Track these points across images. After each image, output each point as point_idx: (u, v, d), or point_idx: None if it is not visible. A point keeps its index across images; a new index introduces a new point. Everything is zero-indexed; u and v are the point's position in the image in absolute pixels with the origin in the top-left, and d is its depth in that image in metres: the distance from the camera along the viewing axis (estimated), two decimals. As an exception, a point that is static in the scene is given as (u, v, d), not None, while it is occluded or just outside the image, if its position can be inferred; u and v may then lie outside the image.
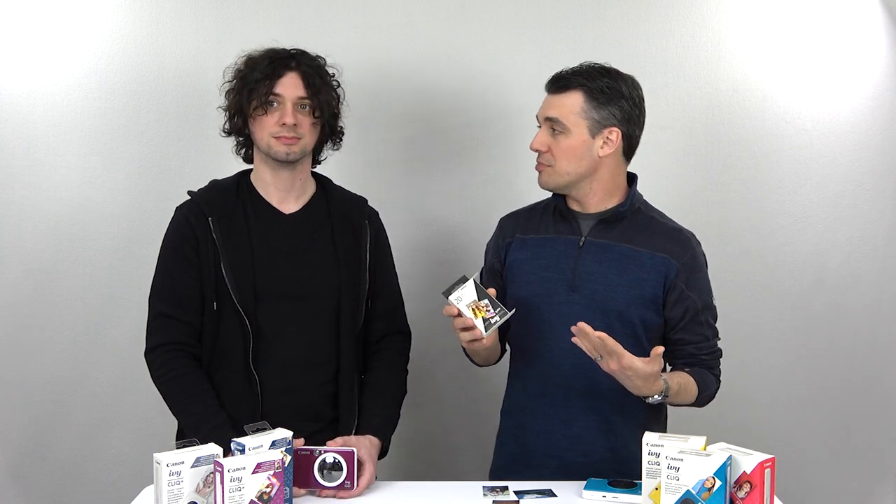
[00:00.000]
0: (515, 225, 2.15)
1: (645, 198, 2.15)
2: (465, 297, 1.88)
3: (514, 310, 1.89)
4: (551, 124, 2.00)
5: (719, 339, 2.10)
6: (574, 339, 1.86)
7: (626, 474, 1.97)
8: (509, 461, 2.14)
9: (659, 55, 2.72)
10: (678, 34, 2.72)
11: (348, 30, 2.66)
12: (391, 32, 2.68)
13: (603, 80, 2.00)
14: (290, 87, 2.04)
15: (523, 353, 2.10)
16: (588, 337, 1.82)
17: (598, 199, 2.06)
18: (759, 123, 2.75)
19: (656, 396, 1.91)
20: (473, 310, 1.88)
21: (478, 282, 1.90)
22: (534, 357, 2.07)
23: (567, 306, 2.01)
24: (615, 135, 2.01)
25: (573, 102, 1.99)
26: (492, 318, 1.88)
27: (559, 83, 2.02)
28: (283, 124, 2.03)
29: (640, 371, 1.83)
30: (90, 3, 2.62)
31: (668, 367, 2.08)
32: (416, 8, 2.69)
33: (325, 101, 2.07)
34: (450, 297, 1.88)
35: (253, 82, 2.03)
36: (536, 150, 2.03)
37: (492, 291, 1.90)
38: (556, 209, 2.11)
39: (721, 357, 2.10)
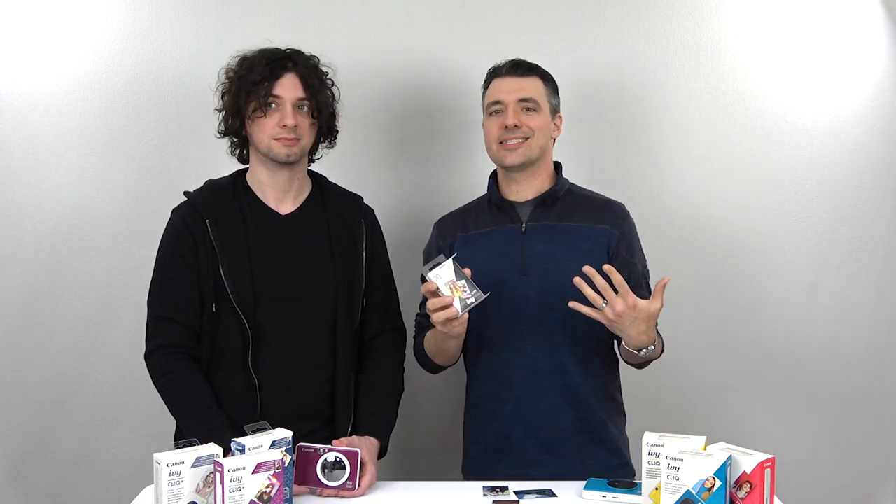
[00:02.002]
0: (454, 225, 2.23)
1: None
2: (443, 275, 1.91)
3: (489, 293, 1.91)
4: (526, 104, 2.12)
5: None
6: (576, 281, 1.90)
7: (600, 442, 2.09)
8: (487, 452, 2.16)
9: (659, 55, 2.72)
10: (678, 34, 2.72)
11: (348, 30, 2.66)
12: (391, 32, 2.68)
13: (547, 72, 2.19)
14: (288, 88, 2.04)
15: (486, 343, 2.14)
16: (595, 278, 1.88)
17: (539, 181, 2.17)
18: (759, 123, 2.75)
19: (651, 346, 1.98)
20: (451, 289, 1.91)
21: (456, 263, 1.92)
22: (497, 345, 2.12)
23: (522, 290, 2.09)
24: (560, 121, 2.21)
25: (538, 86, 2.15)
26: (468, 298, 1.91)
27: (521, 67, 2.15)
28: (284, 126, 2.03)
29: (645, 310, 1.91)
30: (90, 3, 2.62)
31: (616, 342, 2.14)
32: (416, 8, 2.69)
33: (323, 102, 2.09)
34: (429, 274, 1.91)
35: (251, 84, 2.02)
36: (514, 126, 2.10)
37: (467, 272, 1.92)
38: (490, 202, 2.21)
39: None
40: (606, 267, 1.90)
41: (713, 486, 1.67)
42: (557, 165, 2.24)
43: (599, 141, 2.67)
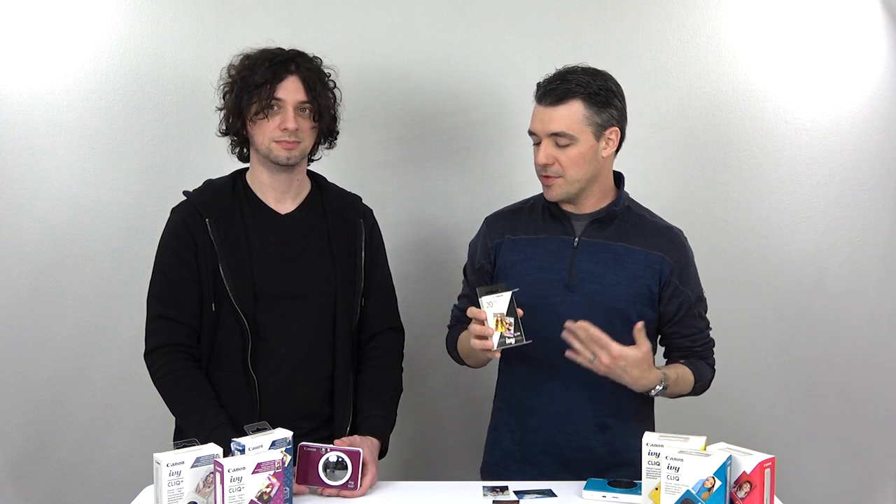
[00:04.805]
0: (504, 225, 2.15)
1: (645, 198, 2.16)
2: (496, 305, 1.88)
3: (530, 341, 1.90)
4: (556, 138, 1.98)
5: (711, 328, 2.15)
6: (568, 342, 1.89)
7: (623, 467, 2.01)
8: (504, 457, 2.15)
9: (659, 55, 2.72)
10: (678, 34, 2.72)
11: (348, 30, 2.66)
12: (391, 32, 2.68)
13: (596, 83, 1.99)
14: (291, 91, 2.03)
15: (520, 353, 2.10)
16: (575, 333, 1.86)
17: (595, 199, 2.08)
18: (759, 123, 2.75)
19: (658, 387, 1.95)
20: (498, 321, 1.88)
21: (514, 299, 1.89)
22: (533, 357, 2.07)
23: (565, 306, 2.03)
24: (615, 134, 2.03)
25: (575, 112, 1.97)
26: (508, 337, 1.88)
27: (555, 94, 1.98)
28: (285, 129, 2.03)
29: (632, 357, 1.88)
30: (90, 3, 2.62)
31: (665, 361, 2.14)
32: (416, 8, 2.68)
33: (324, 105, 2.08)
34: (482, 298, 1.88)
35: (253, 86, 2.01)
36: (544, 165, 2.01)
37: (520, 312, 1.89)
38: (545, 209, 2.13)
39: (714, 346, 2.15)
40: (581, 324, 1.87)
41: (713, 486, 1.67)
42: (619, 177, 2.12)
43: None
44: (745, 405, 2.81)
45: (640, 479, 1.81)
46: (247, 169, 2.16)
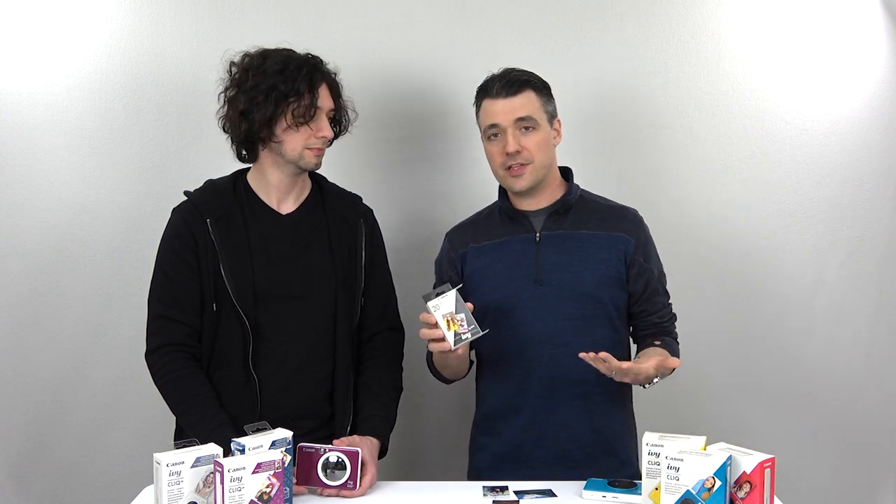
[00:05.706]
0: (465, 236, 2.21)
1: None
2: (443, 306, 1.90)
3: (486, 330, 1.91)
4: (523, 123, 2.07)
5: (671, 303, 2.20)
6: (583, 355, 1.92)
7: (612, 453, 2.08)
8: (494, 460, 2.15)
9: (659, 55, 2.72)
10: (678, 34, 2.72)
11: (348, 30, 2.66)
12: (391, 32, 2.68)
13: (538, 78, 2.12)
14: (325, 99, 2.06)
15: (500, 354, 2.13)
16: (608, 363, 1.90)
17: (550, 191, 2.14)
18: (759, 123, 2.75)
19: (655, 380, 2.00)
20: (448, 321, 1.89)
21: (459, 295, 1.91)
22: (513, 356, 2.11)
23: (537, 300, 2.08)
24: (558, 124, 2.15)
25: (533, 99, 2.09)
26: (463, 333, 1.89)
27: (513, 86, 2.08)
28: (322, 137, 2.04)
29: (644, 373, 1.94)
30: (90, 3, 2.62)
31: (637, 342, 2.19)
32: (416, 8, 2.68)
33: (345, 112, 2.13)
34: (428, 304, 1.90)
35: (294, 93, 2.00)
36: (515, 152, 2.06)
37: (469, 306, 1.92)
38: (501, 212, 2.18)
39: (676, 320, 2.21)
40: (602, 356, 1.89)
41: (713, 486, 1.67)
42: (567, 171, 2.21)
43: (598, 141, 2.67)
44: (745, 405, 2.81)
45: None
46: (247, 169, 2.16)
